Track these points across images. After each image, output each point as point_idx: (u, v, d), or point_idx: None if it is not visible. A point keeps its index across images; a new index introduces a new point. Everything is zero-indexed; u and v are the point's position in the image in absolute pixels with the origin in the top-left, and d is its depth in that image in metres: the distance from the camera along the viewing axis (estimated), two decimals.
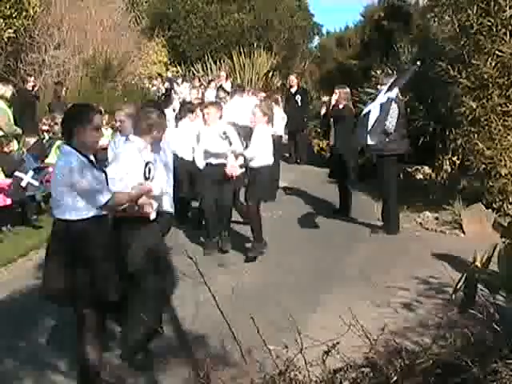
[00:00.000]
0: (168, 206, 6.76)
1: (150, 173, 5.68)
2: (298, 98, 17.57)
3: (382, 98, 10.17)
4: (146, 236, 5.75)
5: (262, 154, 9.03)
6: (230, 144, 9.38)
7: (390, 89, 10.13)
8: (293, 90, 17.81)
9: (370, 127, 9.92)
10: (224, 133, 9.36)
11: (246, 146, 9.69)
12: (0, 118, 11.41)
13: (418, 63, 10.33)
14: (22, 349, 5.92)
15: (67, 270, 4.92)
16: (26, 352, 5.84)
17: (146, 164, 5.68)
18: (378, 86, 11.06)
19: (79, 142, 5.04)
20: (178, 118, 11.28)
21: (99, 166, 5.25)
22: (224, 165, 9.36)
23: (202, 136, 9.61)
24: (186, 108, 11.16)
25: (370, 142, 10.09)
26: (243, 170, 9.54)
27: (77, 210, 4.96)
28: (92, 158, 5.18)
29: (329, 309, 6.82)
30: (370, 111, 10.09)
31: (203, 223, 10.05)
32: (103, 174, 5.19)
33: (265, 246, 9.16)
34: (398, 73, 11.04)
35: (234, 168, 9.35)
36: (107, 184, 5.21)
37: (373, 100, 11.44)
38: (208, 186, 9.58)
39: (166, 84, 20.25)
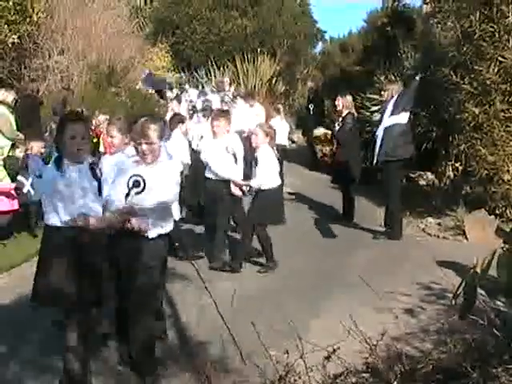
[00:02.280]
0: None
1: (134, 186, 5.56)
2: (311, 106, 17.79)
3: (387, 120, 10.14)
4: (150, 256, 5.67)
5: (268, 177, 8.97)
6: (236, 159, 9.26)
7: (395, 109, 10.08)
8: (310, 97, 18.33)
9: (377, 150, 10.14)
10: (232, 148, 9.26)
11: (246, 162, 9.70)
12: (2, 122, 11.43)
13: (418, 77, 10.31)
14: (25, 352, 5.93)
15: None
16: (29, 355, 5.85)
17: (131, 177, 5.61)
18: (382, 92, 11.06)
19: (63, 150, 5.17)
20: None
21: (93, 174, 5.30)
22: (223, 181, 9.23)
23: (208, 148, 9.54)
24: (176, 119, 11.05)
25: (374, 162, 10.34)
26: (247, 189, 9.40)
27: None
28: (83, 166, 5.21)
29: (330, 314, 6.82)
30: (377, 136, 10.28)
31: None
32: (92, 185, 5.24)
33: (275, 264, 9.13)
34: (403, 87, 10.95)
35: (237, 190, 9.26)
36: (100, 194, 5.29)
37: (376, 108, 11.44)
38: (209, 205, 9.61)
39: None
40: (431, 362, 3.12)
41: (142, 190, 5.57)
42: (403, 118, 10.09)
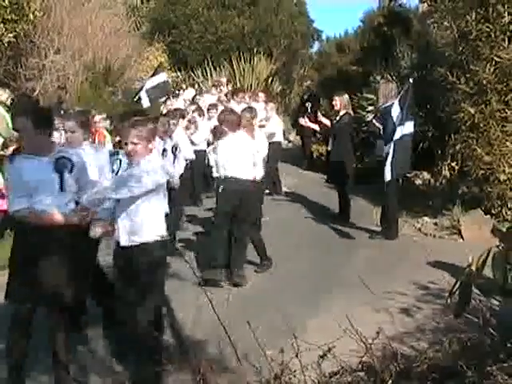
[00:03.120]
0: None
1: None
2: (308, 104, 17.61)
3: (398, 131, 9.82)
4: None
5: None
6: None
7: (402, 120, 9.76)
8: (305, 97, 18.03)
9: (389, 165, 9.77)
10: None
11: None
12: None
13: (411, 80, 10.15)
14: None
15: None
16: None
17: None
18: (381, 99, 10.82)
19: None
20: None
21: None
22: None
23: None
24: (178, 113, 10.96)
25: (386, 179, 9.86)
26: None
27: None
28: (42, 159, 5.26)
29: (326, 313, 6.83)
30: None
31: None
32: (50, 179, 5.25)
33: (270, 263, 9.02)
34: (397, 88, 10.80)
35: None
36: (61, 188, 5.30)
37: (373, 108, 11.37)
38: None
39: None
40: (427, 361, 3.12)
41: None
42: (409, 127, 9.79)
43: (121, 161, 6.74)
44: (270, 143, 11.55)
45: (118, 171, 6.72)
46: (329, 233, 10.98)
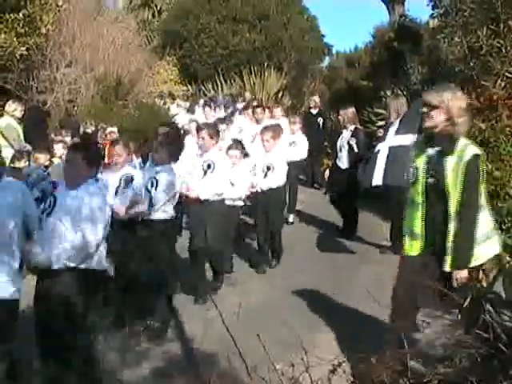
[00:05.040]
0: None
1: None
2: (320, 120, 17.21)
3: (392, 139, 9.63)
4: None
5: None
6: None
7: (401, 129, 9.60)
8: (314, 112, 17.55)
9: (377, 170, 9.45)
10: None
11: None
12: (9, 133, 11.49)
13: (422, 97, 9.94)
14: (20, 352, 5.90)
15: None
16: (25, 356, 5.83)
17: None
18: (392, 114, 10.69)
19: None
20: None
21: None
22: None
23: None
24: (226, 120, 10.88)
25: (375, 183, 9.48)
26: None
27: None
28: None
29: (336, 328, 6.81)
30: (379, 151, 9.63)
31: None
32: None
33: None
34: (407, 103, 10.70)
35: None
36: None
37: (383, 123, 11.33)
38: None
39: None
40: (437, 376, 3.11)
41: None
42: (409, 139, 9.20)
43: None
44: None
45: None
46: (337, 247, 10.94)
